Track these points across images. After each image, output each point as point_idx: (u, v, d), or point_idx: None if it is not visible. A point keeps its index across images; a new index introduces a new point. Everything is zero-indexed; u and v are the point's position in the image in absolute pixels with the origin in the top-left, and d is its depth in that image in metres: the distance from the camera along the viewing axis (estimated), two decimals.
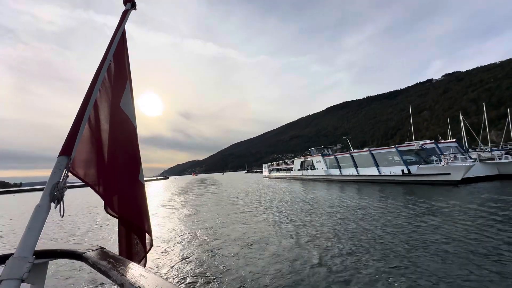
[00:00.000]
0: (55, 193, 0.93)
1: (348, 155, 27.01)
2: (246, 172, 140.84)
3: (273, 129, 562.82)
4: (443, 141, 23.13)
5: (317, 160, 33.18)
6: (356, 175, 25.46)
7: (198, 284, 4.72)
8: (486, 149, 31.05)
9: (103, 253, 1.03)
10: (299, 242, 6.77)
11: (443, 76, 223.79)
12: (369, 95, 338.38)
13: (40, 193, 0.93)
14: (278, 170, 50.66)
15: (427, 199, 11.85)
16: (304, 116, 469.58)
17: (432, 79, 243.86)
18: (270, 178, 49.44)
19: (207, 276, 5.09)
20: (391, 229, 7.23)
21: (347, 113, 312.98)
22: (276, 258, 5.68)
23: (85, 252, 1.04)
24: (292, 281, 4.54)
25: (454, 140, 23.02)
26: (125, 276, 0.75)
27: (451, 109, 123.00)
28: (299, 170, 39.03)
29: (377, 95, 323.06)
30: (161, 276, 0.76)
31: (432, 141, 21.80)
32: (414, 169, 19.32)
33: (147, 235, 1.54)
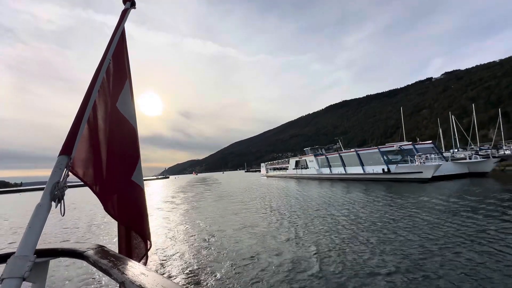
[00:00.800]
0: (55, 192, 0.93)
1: (337, 155, 29.03)
2: (245, 171, 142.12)
3: (273, 128, 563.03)
4: (420, 142, 25.45)
5: (310, 160, 35.27)
6: (344, 174, 27.44)
7: (197, 272, 5.13)
8: (475, 148, 32.22)
9: (104, 252, 1.04)
10: (286, 228, 8.00)
11: (443, 74, 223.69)
12: (369, 94, 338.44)
13: (41, 193, 0.93)
14: (274, 169, 52.55)
15: (400, 193, 14.41)
16: (304, 115, 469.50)
17: (432, 78, 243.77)
18: (267, 177, 51.12)
19: (206, 248, 6.56)
20: (365, 215, 9.09)
21: (347, 111, 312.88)
22: (259, 237, 7.31)
23: (86, 251, 1.05)
24: (268, 251, 6.02)
25: (430, 141, 25.28)
26: (125, 274, 0.76)
27: (450, 108, 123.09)
28: (294, 169, 40.96)
29: (377, 93, 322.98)
30: (161, 275, 0.77)
31: (410, 142, 23.91)
32: (393, 168, 21.42)
33: (146, 234, 1.54)
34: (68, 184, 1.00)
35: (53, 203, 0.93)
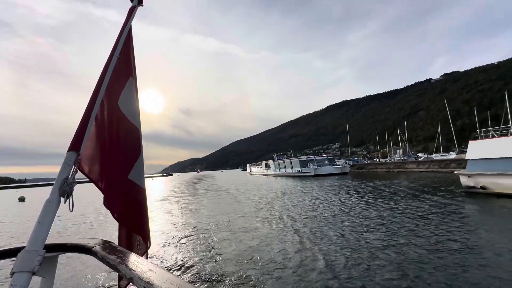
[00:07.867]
0: (64, 188, 0.95)
1: (282, 161, 48.63)
2: (241, 170, 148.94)
3: (273, 127, 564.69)
4: (320, 155, 47.86)
5: (271, 163, 55.85)
6: (285, 172, 46.27)
7: (202, 248, 6.26)
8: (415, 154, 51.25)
9: (112, 248, 1.05)
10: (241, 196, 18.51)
11: (442, 75, 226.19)
12: (369, 94, 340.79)
13: (50, 188, 0.95)
14: (255, 169, 72.95)
15: (300, 181, 29.65)
16: (305, 114, 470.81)
17: (431, 79, 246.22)
18: (251, 174, 69.67)
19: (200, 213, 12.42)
20: (285, 191, 19.75)
21: (346, 112, 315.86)
22: (226, 203, 14.96)
23: (94, 246, 1.05)
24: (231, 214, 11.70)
25: (325, 155, 46.84)
26: (134, 270, 0.77)
27: (445, 110, 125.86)
28: (264, 169, 61.28)
29: (377, 94, 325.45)
30: (169, 271, 0.81)
31: (313, 155, 46.38)
32: (301, 169, 39.66)
33: (144, 233, 1.54)
34: (77, 180, 1.02)
35: (62, 199, 0.95)
